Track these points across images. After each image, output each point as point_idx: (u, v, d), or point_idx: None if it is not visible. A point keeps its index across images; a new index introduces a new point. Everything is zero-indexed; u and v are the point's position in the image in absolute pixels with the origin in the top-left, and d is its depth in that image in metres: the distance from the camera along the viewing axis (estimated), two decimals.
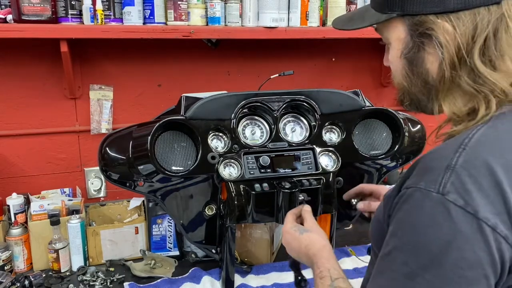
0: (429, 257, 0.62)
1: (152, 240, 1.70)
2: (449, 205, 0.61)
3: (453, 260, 0.60)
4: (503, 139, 0.66)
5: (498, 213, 0.60)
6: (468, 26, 0.70)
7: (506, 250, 0.61)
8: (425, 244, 0.62)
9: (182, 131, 1.40)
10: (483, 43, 0.70)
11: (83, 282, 1.52)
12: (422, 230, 0.63)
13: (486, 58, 0.71)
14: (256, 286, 1.52)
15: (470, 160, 0.63)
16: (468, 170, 0.62)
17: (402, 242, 0.65)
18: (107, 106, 1.90)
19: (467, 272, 0.60)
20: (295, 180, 1.41)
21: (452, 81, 0.73)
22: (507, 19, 0.69)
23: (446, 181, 0.62)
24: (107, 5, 1.66)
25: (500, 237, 0.60)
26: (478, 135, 0.66)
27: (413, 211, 0.65)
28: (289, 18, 1.86)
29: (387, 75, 2.24)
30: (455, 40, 0.71)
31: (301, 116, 1.54)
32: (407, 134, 1.54)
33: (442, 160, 0.64)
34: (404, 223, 0.66)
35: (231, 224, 1.39)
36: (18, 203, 1.64)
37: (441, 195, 0.61)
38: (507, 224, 0.61)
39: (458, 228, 0.60)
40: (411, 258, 0.63)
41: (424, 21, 0.73)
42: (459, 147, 0.65)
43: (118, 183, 1.45)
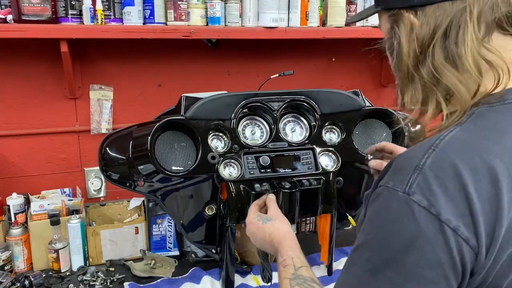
0: (391, 254, 0.63)
1: (152, 240, 1.70)
2: (413, 205, 0.62)
3: (414, 259, 0.61)
4: (473, 142, 0.66)
5: (461, 216, 0.61)
6: (430, 19, 0.73)
7: (467, 253, 0.61)
8: (388, 241, 0.64)
9: (182, 131, 1.40)
10: (444, 36, 0.72)
11: (83, 282, 1.52)
12: (386, 228, 0.65)
13: (448, 53, 0.72)
14: (256, 286, 1.52)
15: (437, 161, 0.64)
16: (434, 172, 0.63)
17: (367, 238, 0.67)
18: (107, 106, 1.90)
19: (427, 271, 0.61)
20: (295, 180, 1.41)
21: (412, 74, 0.76)
22: (467, 12, 0.70)
23: (413, 182, 0.63)
24: (107, 5, 1.66)
25: (461, 240, 0.61)
26: (449, 136, 0.67)
27: (380, 209, 0.66)
28: (289, 18, 1.86)
29: (387, 75, 2.25)
30: (418, 32, 0.74)
31: (301, 116, 1.54)
32: (407, 134, 1.54)
33: (412, 160, 0.65)
34: (371, 220, 0.68)
35: (231, 224, 1.39)
36: (18, 203, 1.64)
37: (407, 195, 0.62)
38: (470, 227, 0.61)
39: (420, 228, 0.61)
40: (375, 254, 0.65)
41: (396, 14, 0.78)
42: (430, 148, 0.65)
43: (118, 183, 1.45)
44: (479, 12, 0.70)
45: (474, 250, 0.61)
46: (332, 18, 1.93)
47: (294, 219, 1.38)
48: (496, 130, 0.67)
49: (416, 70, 0.76)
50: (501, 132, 0.67)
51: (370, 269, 0.65)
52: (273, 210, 1.11)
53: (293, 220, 1.39)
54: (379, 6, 0.84)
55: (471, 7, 0.70)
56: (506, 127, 0.67)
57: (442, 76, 0.72)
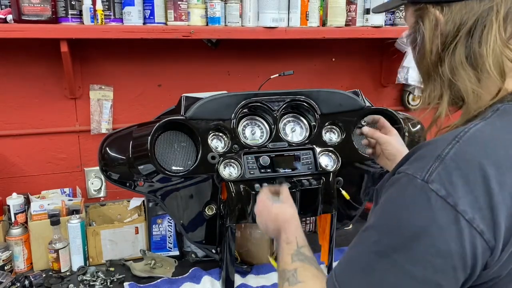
0: (401, 240, 0.63)
1: (152, 240, 1.70)
2: (431, 193, 0.62)
3: (423, 246, 0.62)
4: (498, 136, 0.66)
5: (480, 208, 0.61)
6: (455, 16, 0.73)
7: (480, 245, 0.61)
8: (399, 226, 0.64)
9: (182, 131, 1.40)
10: (467, 35, 0.72)
11: (83, 282, 1.52)
12: (399, 213, 0.65)
13: (470, 52, 0.72)
14: (256, 286, 1.52)
15: (461, 153, 0.64)
16: (456, 163, 0.63)
17: (379, 221, 0.68)
18: (107, 106, 1.90)
19: (435, 259, 0.61)
20: (295, 180, 1.41)
21: (433, 71, 0.77)
22: (494, 11, 0.70)
23: (433, 170, 0.63)
24: (107, 5, 1.66)
25: (475, 232, 0.61)
26: (474, 130, 0.66)
27: (396, 194, 0.67)
28: (289, 18, 1.86)
29: (387, 75, 2.26)
30: (443, 29, 0.74)
31: (301, 116, 1.54)
32: (407, 134, 1.54)
33: (434, 150, 0.65)
34: (386, 203, 0.68)
35: (231, 224, 1.39)
36: (18, 203, 1.64)
37: (425, 183, 0.63)
38: (487, 220, 0.61)
39: (434, 217, 0.61)
40: (384, 237, 0.65)
41: (422, 9, 0.78)
42: (454, 139, 0.65)
43: (118, 183, 1.45)
44: (506, 13, 0.70)
45: (488, 244, 0.61)
46: (332, 18, 1.93)
47: None
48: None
49: (436, 68, 0.76)
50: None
51: (377, 251, 0.65)
52: (285, 195, 1.10)
53: None
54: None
55: (498, 7, 0.70)
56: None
57: (459, 79, 0.73)
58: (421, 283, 0.62)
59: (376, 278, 0.64)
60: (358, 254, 0.69)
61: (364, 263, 0.67)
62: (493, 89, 0.71)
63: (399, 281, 0.63)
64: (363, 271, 0.66)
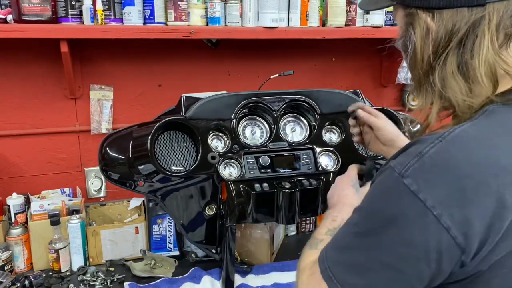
0: (374, 226, 0.68)
1: (152, 240, 1.70)
2: (403, 187, 0.65)
3: (391, 234, 0.66)
4: (481, 137, 0.67)
5: (450, 206, 0.63)
6: (447, 23, 0.72)
7: (445, 241, 0.63)
8: (374, 213, 0.69)
9: (182, 131, 1.40)
10: (459, 44, 0.72)
11: (83, 282, 1.52)
12: (376, 201, 0.70)
13: (461, 62, 0.72)
14: (256, 286, 1.52)
15: (440, 152, 0.65)
16: (434, 161, 0.65)
17: (362, 205, 0.73)
18: (107, 106, 1.90)
19: (400, 248, 0.65)
20: (295, 180, 1.41)
21: (424, 79, 0.77)
22: (486, 21, 0.69)
23: (410, 166, 0.65)
24: (107, 5, 1.66)
25: (441, 227, 0.63)
26: (459, 130, 0.68)
27: (378, 183, 0.71)
28: (289, 18, 1.86)
29: (387, 75, 2.26)
30: (434, 36, 0.74)
31: (301, 116, 1.54)
32: (407, 134, 1.54)
33: (418, 147, 0.67)
34: (370, 190, 0.73)
35: (231, 224, 1.39)
36: (18, 203, 1.64)
37: (400, 177, 0.65)
38: (456, 217, 0.63)
39: (403, 209, 0.65)
40: (362, 221, 0.71)
41: (412, 14, 0.77)
42: (437, 138, 0.67)
43: (118, 183, 1.45)
44: (498, 21, 0.70)
45: (455, 240, 0.63)
46: (332, 18, 1.93)
47: (294, 219, 1.39)
48: (506, 127, 0.68)
49: (427, 77, 0.76)
50: (511, 129, 0.68)
51: (355, 232, 0.71)
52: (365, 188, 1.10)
53: (293, 220, 1.39)
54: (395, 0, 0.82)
55: (490, 16, 0.69)
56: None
57: (449, 90, 0.73)
58: (386, 267, 0.66)
59: (353, 256, 0.70)
60: (342, 233, 0.75)
61: (346, 241, 0.73)
62: (484, 95, 0.72)
63: (369, 262, 0.68)
64: (345, 248, 0.72)
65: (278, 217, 1.39)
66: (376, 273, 0.67)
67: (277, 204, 1.37)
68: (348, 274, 0.70)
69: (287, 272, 1.58)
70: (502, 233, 0.63)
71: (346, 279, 0.69)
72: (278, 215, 1.38)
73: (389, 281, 0.67)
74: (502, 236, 0.64)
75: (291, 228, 1.92)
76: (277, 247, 1.77)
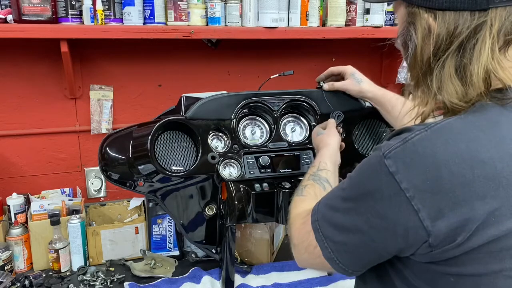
0: (355, 194, 0.77)
1: (152, 240, 1.70)
2: (383, 167, 0.71)
3: (368, 205, 0.73)
4: (464, 130, 0.69)
5: (423, 191, 0.67)
6: (449, 25, 0.72)
7: (413, 221, 0.69)
8: (357, 184, 0.77)
9: (182, 131, 1.40)
10: (459, 47, 0.72)
11: (83, 282, 1.52)
12: (361, 174, 0.78)
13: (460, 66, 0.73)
14: (256, 286, 1.52)
15: (423, 140, 0.69)
16: (416, 147, 0.69)
17: (351, 175, 0.80)
18: (107, 106, 1.90)
19: (373, 218, 0.73)
20: (295, 180, 1.41)
21: (422, 79, 0.79)
22: (488, 26, 0.70)
23: (393, 149, 0.71)
24: (107, 5, 1.66)
25: (412, 209, 0.68)
26: (445, 122, 0.71)
27: (367, 158, 0.78)
28: (289, 18, 1.86)
29: (387, 75, 2.26)
30: (435, 37, 0.74)
31: (301, 116, 1.54)
32: None
33: (406, 134, 0.72)
34: (360, 164, 0.80)
35: (231, 224, 1.39)
36: (18, 203, 1.64)
37: (383, 157, 0.71)
38: (427, 202, 0.67)
39: (380, 186, 0.71)
40: (348, 188, 0.80)
41: (414, 13, 0.77)
42: (424, 128, 0.71)
43: (118, 183, 1.45)
44: (500, 27, 0.70)
45: (423, 222, 0.68)
46: (332, 18, 1.93)
47: None
48: (490, 121, 0.70)
49: (425, 78, 0.78)
50: (495, 123, 0.70)
51: (342, 196, 0.80)
52: (328, 128, 1.32)
53: None
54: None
55: (492, 21, 0.70)
56: (501, 120, 0.70)
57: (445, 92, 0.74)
58: (359, 231, 0.75)
59: (336, 216, 0.80)
60: (333, 194, 0.84)
61: (334, 202, 0.82)
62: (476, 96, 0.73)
63: (346, 224, 0.77)
64: (331, 207, 0.82)
65: (278, 217, 1.39)
66: (351, 234, 0.76)
67: (277, 204, 1.38)
68: (330, 230, 0.80)
69: (287, 272, 1.58)
70: (479, 223, 0.66)
71: (328, 234, 0.80)
72: (278, 215, 1.38)
73: (360, 244, 0.76)
74: (479, 226, 0.66)
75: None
76: (277, 247, 1.77)
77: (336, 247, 0.79)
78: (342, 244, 0.78)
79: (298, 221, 0.91)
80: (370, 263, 0.80)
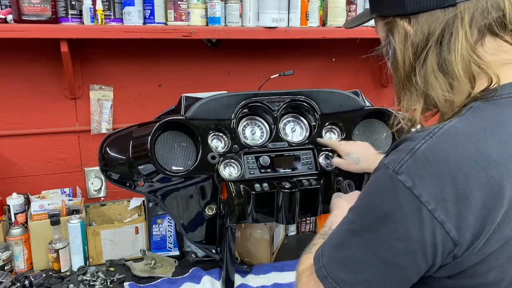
0: (369, 221, 0.71)
1: (152, 240, 1.70)
2: (398, 183, 0.67)
3: (387, 229, 0.68)
4: (469, 132, 0.69)
5: (443, 200, 0.65)
6: (423, 26, 0.76)
7: (440, 234, 0.65)
8: (370, 210, 0.72)
9: (182, 131, 1.40)
10: (437, 43, 0.75)
11: (83, 282, 1.52)
12: (371, 198, 0.72)
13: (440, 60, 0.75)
14: (256, 286, 1.52)
15: (431, 147, 0.68)
16: (426, 156, 0.67)
17: (357, 203, 0.75)
18: (107, 106, 1.90)
19: (397, 243, 0.67)
20: (295, 180, 1.41)
21: (407, 82, 0.80)
22: (459, 18, 0.72)
23: (404, 163, 0.68)
24: (107, 5, 1.66)
25: (436, 221, 0.65)
26: (448, 126, 0.70)
27: (373, 181, 0.73)
28: (289, 18, 1.86)
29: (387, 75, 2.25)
30: (413, 39, 0.77)
31: (301, 116, 1.54)
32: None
33: (410, 144, 0.70)
34: (365, 189, 0.76)
35: (231, 224, 1.39)
36: (18, 203, 1.64)
37: (395, 173, 0.68)
38: (450, 211, 0.65)
39: (400, 205, 0.67)
40: (358, 218, 0.74)
41: (391, 22, 0.81)
42: (428, 135, 0.69)
43: (118, 183, 1.45)
44: (471, 18, 0.73)
45: (449, 233, 0.65)
46: (332, 18, 1.93)
47: (294, 219, 1.39)
48: (493, 121, 0.70)
49: (410, 78, 0.80)
50: (498, 123, 0.70)
51: (351, 229, 0.73)
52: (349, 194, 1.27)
53: (293, 220, 1.39)
54: (374, 12, 0.88)
55: (462, 14, 0.72)
56: (503, 119, 0.70)
57: (431, 87, 0.76)
58: (384, 262, 0.69)
59: (348, 253, 0.72)
60: (338, 231, 0.77)
61: (341, 239, 0.75)
62: (465, 93, 0.74)
63: (365, 258, 0.70)
64: (339, 246, 0.74)
65: (278, 217, 1.39)
66: (373, 268, 0.69)
67: (277, 204, 1.38)
68: (342, 271, 0.72)
69: (287, 272, 1.58)
70: (496, 225, 0.65)
71: (341, 276, 0.72)
72: (278, 215, 1.38)
73: (386, 275, 0.69)
74: (496, 228, 0.66)
75: (291, 228, 1.92)
76: (277, 247, 1.77)
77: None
78: (363, 282, 0.71)
79: (304, 275, 0.84)
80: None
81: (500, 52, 0.74)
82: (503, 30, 0.73)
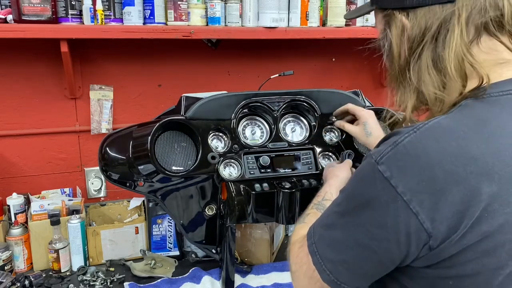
0: (352, 206, 0.75)
1: (152, 240, 1.70)
2: (377, 173, 0.70)
3: (366, 216, 0.72)
4: (453, 128, 0.70)
5: (419, 192, 0.67)
6: (420, 21, 0.77)
7: (414, 225, 0.68)
8: (353, 195, 0.76)
9: (182, 131, 1.40)
10: (432, 39, 0.76)
11: (83, 282, 1.52)
12: (356, 185, 0.77)
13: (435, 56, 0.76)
14: (256, 286, 1.52)
15: (413, 141, 0.69)
16: (407, 149, 0.69)
17: (345, 188, 0.80)
18: (107, 106, 1.90)
19: (374, 229, 0.71)
20: (295, 180, 1.41)
21: (401, 76, 0.81)
22: (456, 15, 0.73)
23: (385, 154, 0.70)
24: (107, 5, 1.66)
25: (411, 212, 0.67)
26: (433, 122, 0.71)
27: (359, 169, 0.77)
28: (289, 18, 1.86)
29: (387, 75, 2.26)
30: (409, 33, 0.78)
31: (301, 116, 1.54)
32: None
33: (395, 137, 0.72)
34: (353, 175, 0.81)
35: (231, 224, 1.39)
36: (18, 203, 1.64)
37: (376, 163, 0.71)
38: (425, 203, 0.67)
39: (377, 194, 0.70)
40: (343, 201, 0.78)
41: (389, 15, 0.82)
42: (412, 129, 0.71)
43: (118, 183, 1.45)
44: (468, 16, 0.73)
45: (423, 224, 0.67)
46: (332, 18, 1.93)
47: (294, 219, 1.38)
48: (478, 118, 0.71)
49: (404, 73, 0.81)
50: (482, 120, 0.70)
51: (337, 212, 0.78)
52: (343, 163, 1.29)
53: (293, 220, 1.39)
54: (373, 4, 0.88)
55: (459, 11, 0.73)
56: (488, 117, 0.71)
57: (423, 84, 0.77)
58: (361, 246, 0.73)
59: (333, 234, 0.77)
60: (329, 211, 0.81)
61: (330, 219, 0.79)
62: (457, 92, 0.75)
63: (346, 240, 0.74)
64: (328, 226, 0.79)
65: (278, 217, 1.39)
66: (352, 250, 0.74)
67: (277, 204, 1.37)
68: (328, 250, 0.77)
69: (287, 272, 1.57)
70: (474, 220, 0.66)
71: (326, 255, 0.77)
72: (278, 215, 1.38)
73: (363, 258, 0.74)
74: (474, 223, 0.66)
75: (291, 228, 1.92)
76: (277, 247, 1.77)
77: (334, 267, 0.75)
78: (342, 262, 0.75)
79: (296, 246, 0.88)
80: (374, 277, 0.77)
81: (495, 52, 0.75)
82: (500, 30, 0.74)
